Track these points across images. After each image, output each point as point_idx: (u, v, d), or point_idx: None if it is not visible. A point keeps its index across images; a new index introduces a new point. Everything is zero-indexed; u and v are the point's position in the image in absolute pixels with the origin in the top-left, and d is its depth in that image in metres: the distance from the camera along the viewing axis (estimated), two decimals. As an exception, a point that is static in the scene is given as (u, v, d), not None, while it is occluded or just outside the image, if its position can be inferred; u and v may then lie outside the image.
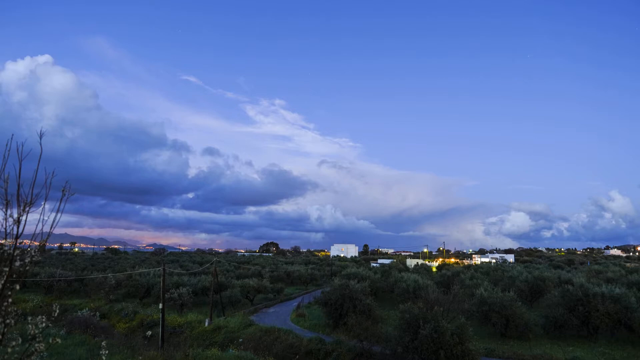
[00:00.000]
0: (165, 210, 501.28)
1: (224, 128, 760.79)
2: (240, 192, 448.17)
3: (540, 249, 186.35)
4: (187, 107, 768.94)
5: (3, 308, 2.13)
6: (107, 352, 2.57)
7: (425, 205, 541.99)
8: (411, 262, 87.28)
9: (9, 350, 2.14)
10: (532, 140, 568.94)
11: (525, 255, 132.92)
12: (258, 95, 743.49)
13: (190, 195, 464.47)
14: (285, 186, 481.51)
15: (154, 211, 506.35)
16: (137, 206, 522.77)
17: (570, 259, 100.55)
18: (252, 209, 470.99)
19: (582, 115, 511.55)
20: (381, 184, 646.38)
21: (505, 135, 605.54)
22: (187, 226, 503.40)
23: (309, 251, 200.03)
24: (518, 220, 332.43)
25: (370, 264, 76.01)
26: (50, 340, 2.32)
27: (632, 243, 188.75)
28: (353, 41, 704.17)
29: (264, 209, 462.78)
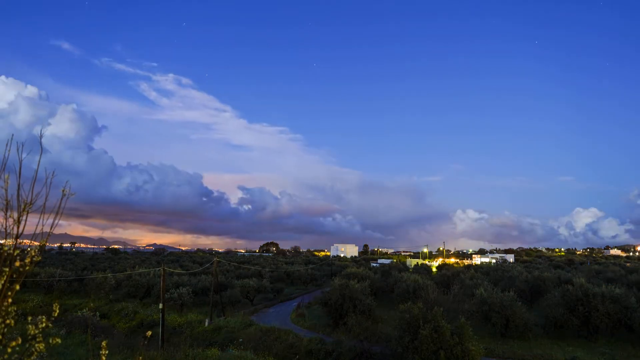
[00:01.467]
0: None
1: (132, 113, 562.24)
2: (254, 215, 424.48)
3: (540, 248, 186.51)
4: (64, 81, 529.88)
5: (3, 308, 2.13)
6: (107, 352, 2.57)
7: (403, 208, 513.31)
8: (411, 262, 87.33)
9: (9, 350, 2.14)
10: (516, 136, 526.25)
11: (525, 255, 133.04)
12: (150, 70, 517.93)
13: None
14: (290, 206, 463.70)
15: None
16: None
17: (570, 259, 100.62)
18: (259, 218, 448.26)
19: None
20: (344, 183, 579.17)
21: (475, 129, 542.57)
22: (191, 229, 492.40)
23: (309, 251, 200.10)
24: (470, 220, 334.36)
25: (370, 264, 76.02)
26: (50, 340, 2.32)
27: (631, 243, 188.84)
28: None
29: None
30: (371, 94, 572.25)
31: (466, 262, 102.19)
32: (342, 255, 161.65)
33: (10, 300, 2.17)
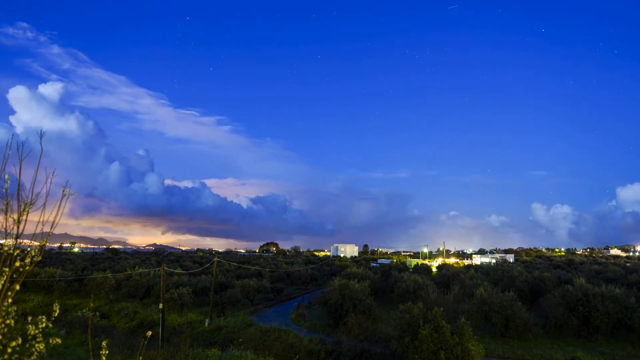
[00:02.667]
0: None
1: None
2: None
3: (540, 248, 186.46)
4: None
5: (3, 308, 2.13)
6: (107, 352, 2.57)
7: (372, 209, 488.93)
8: (411, 262, 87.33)
9: (9, 350, 2.14)
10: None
11: (525, 255, 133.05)
12: (29, 41, 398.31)
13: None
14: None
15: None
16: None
17: (570, 259, 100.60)
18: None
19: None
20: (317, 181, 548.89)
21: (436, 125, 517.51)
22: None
23: (308, 251, 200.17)
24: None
25: (370, 264, 76.01)
26: (50, 340, 2.32)
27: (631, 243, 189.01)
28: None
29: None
30: (316, 81, 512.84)
31: (466, 262, 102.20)
32: (342, 255, 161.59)
33: (10, 300, 2.17)
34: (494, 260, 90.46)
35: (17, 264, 2.23)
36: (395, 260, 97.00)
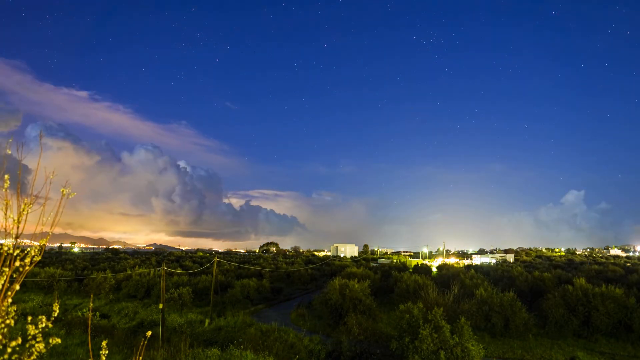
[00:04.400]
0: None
1: None
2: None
3: (540, 248, 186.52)
4: None
5: (3, 308, 2.13)
6: (107, 352, 2.57)
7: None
8: (411, 262, 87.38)
9: (9, 350, 2.14)
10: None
11: (524, 255, 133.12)
12: None
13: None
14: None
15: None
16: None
17: (570, 259, 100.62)
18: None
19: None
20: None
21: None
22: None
23: (308, 251, 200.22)
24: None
25: (370, 264, 75.98)
26: (50, 340, 2.32)
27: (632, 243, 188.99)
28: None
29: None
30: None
31: (466, 262, 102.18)
32: (342, 255, 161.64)
33: (10, 300, 2.17)
34: (494, 260, 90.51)
35: (17, 264, 2.23)
36: (395, 260, 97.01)
